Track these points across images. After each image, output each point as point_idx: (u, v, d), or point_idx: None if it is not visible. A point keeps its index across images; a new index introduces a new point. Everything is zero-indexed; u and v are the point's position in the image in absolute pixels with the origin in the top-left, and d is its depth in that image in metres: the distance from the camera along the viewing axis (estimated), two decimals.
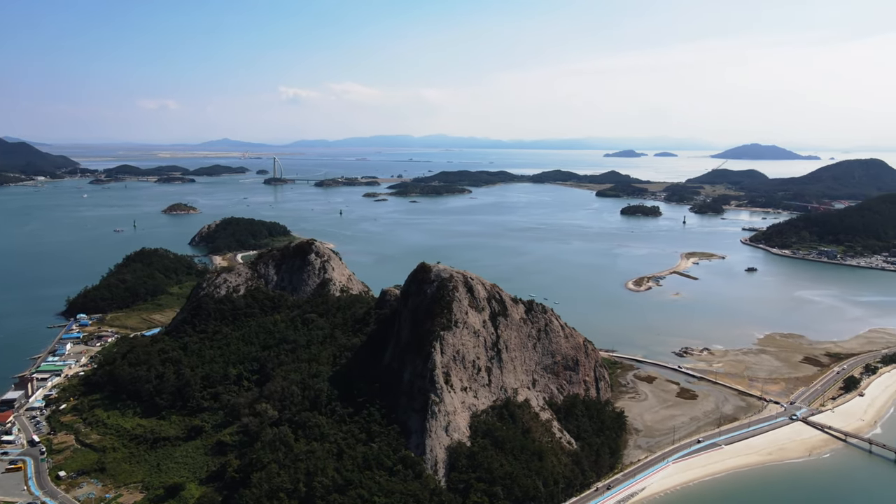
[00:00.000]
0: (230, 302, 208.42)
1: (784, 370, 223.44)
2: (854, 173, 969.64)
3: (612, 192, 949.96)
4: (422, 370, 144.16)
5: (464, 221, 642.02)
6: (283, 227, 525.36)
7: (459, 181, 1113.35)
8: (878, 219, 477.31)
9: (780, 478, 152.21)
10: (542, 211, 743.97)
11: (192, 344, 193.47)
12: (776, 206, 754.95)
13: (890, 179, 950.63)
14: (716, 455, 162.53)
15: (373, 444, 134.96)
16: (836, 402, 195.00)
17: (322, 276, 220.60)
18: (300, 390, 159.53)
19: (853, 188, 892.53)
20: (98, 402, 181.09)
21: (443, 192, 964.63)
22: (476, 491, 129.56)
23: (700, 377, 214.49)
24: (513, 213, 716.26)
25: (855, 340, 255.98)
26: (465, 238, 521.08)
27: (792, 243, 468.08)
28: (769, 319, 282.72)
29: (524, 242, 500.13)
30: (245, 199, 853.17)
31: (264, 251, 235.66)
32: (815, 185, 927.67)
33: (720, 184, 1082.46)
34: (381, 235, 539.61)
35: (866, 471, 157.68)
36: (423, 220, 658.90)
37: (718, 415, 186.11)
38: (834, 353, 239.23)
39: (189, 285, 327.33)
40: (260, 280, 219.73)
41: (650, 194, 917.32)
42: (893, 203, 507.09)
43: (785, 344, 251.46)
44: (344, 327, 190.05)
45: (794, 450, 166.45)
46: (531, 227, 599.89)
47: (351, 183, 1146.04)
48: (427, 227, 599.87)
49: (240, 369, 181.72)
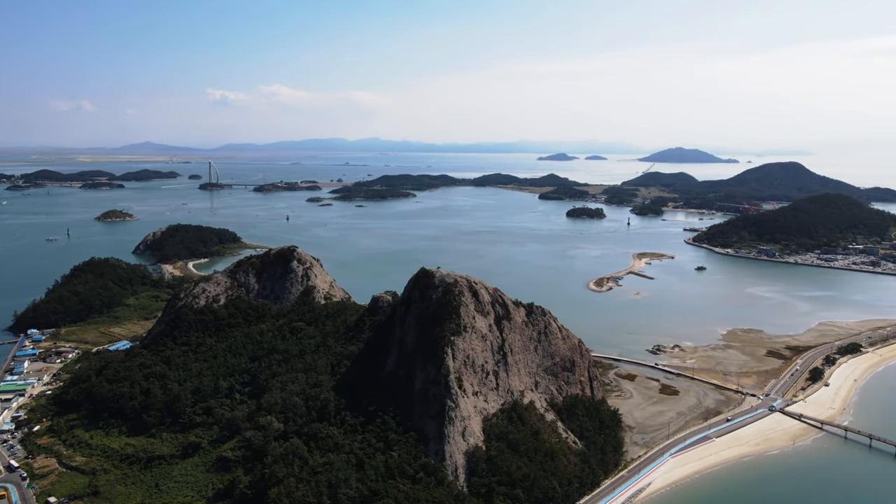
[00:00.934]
0: (211, 312, 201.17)
1: (752, 364, 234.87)
2: (776, 175, 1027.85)
3: (555, 195, 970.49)
4: (435, 376, 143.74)
5: (415, 225, 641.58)
6: (232, 234, 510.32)
7: (402, 185, 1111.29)
8: (808, 219, 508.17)
9: (772, 467, 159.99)
10: (490, 214, 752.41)
11: (176, 357, 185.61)
12: (709, 207, 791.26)
13: (808, 180, 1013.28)
14: (709, 448, 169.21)
15: (392, 453, 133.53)
16: (806, 392, 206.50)
17: (305, 283, 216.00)
18: (303, 401, 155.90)
19: (776, 189, 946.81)
20: (76, 422, 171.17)
21: (387, 196, 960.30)
22: (498, 494, 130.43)
23: (677, 373, 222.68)
24: (462, 217, 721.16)
25: (809, 334, 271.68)
26: (421, 242, 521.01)
27: (733, 242, 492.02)
28: (727, 316, 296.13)
29: (480, 245, 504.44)
30: (184, 206, 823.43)
31: (243, 259, 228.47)
32: (741, 186, 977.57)
33: (654, 186, 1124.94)
34: (335, 241, 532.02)
35: (846, 456, 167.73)
36: (374, 224, 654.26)
37: (702, 409, 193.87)
38: (793, 347, 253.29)
39: (146, 296, 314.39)
40: (240, 289, 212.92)
41: (591, 197, 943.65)
42: (821, 204, 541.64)
43: (747, 339, 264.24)
44: (337, 335, 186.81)
45: (778, 439, 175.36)
46: (483, 230, 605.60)
47: (291, 188, 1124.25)
48: (379, 231, 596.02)
49: (231, 382, 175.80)
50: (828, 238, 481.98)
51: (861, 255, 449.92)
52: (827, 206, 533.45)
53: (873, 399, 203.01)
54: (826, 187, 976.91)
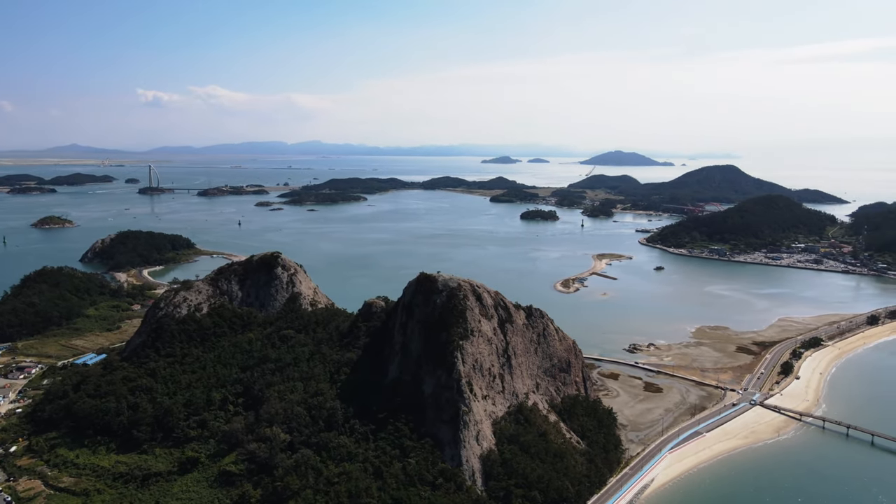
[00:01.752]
0: (195, 322, 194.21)
1: (725, 360, 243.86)
2: (714, 178, 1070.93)
3: (506, 197, 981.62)
4: (446, 381, 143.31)
5: (372, 229, 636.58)
6: (186, 240, 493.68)
7: (352, 189, 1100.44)
8: (753, 219, 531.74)
9: (763, 458, 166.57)
10: (445, 217, 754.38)
11: (162, 369, 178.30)
12: (656, 209, 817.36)
13: (743, 182, 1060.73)
14: (702, 443, 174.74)
15: (410, 460, 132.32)
16: (780, 386, 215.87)
17: (290, 289, 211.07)
18: (306, 410, 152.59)
19: (715, 191, 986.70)
20: (57, 440, 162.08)
21: (338, 200, 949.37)
22: (516, 497, 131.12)
23: (658, 371, 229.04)
24: (417, 220, 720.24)
25: (771, 329, 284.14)
26: (382, 245, 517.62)
27: (685, 243, 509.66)
28: (692, 314, 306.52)
29: (442, 248, 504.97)
30: (127, 211, 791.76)
31: (224, 266, 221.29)
32: (682, 188, 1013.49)
33: (599, 188, 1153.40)
34: (293, 246, 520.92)
35: (828, 446, 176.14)
36: (330, 228, 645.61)
37: (687, 405, 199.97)
38: (759, 342, 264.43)
39: (106, 306, 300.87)
40: (223, 297, 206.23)
41: (541, 199, 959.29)
42: (764, 205, 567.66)
43: (715, 336, 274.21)
44: (330, 342, 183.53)
45: (764, 432, 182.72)
46: (441, 233, 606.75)
47: (237, 192, 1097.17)
48: (336, 236, 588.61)
49: (223, 393, 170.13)
50: (772, 238, 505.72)
51: (804, 254, 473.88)
52: (769, 207, 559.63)
53: (841, 390, 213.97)
54: (760, 189, 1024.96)
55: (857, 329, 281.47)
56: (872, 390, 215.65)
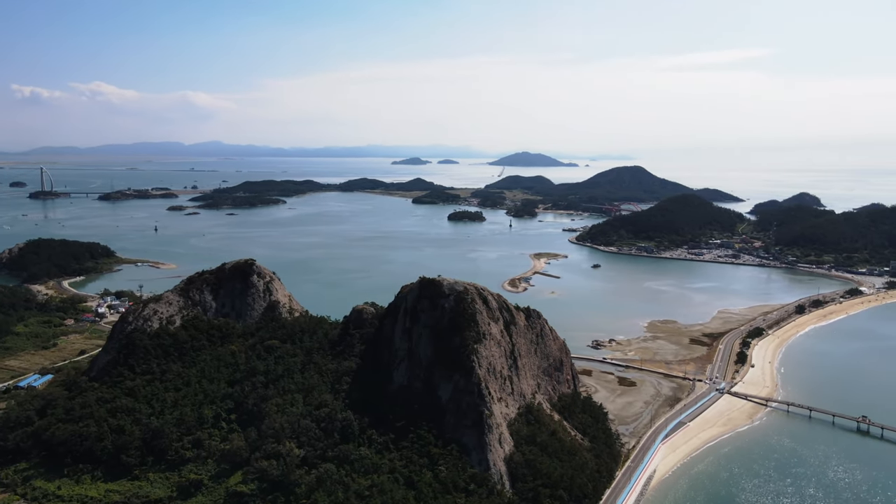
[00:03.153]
0: (169, 335, 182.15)
1: (683, 352, 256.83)
2: (624, 178, 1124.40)
3: (428, 199, 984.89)
4: (466, 385, 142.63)
5: (300, 233, 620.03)
6: (105, 249, 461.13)
7: (267, 191, 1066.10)
8: (673, 217, 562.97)
9: (745, 442, 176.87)
10: (372, 219, 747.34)
11: (141, 388, 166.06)
12: (576, 208, 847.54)
13: (650, 182, 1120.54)
14: (688, 432, 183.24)
15: (440, 468, 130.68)
16: (740, 374, 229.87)
17: (268, 298, 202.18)
18: (315, 423, 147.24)
19: (626, 190, 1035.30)
20: (30, 471, 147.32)
21: (256, 204, 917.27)
22: (544, 497, 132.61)
23: (627, 366, 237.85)
24: (344, 223, 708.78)
25: (714, 321, 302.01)
26: (317, 249, 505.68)
27: (614, 241, 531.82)
28: (640, 309, 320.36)
29: (379, 251, 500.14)
30: (25, 217, 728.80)
31: (194, 275, 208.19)
32: (596, 188, 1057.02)
33: (516, 189, 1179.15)
34: (222, 252, 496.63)
35: (796, 427, 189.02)
36: (255, 233, 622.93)
37: (663, 397, 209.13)
38: (708, 334, 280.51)
39: (35, 322, 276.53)
40: (196, 308, 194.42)
41: (463, 200, 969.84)
42: (682, 204, 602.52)
43: (668, 329, 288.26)
44: (321, 351, 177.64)
45: (739, 418, 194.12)
46: (372, 235, 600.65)
47: (143, 196, 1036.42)
48: (265, 240, 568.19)
49: (214, 410, 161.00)
50: (692, 234, 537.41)
51: (721, 249, 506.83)
52: (686, 206, 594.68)
53: (791, 375, 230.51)
54: (666, 188, 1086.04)
55: (788, 318, 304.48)
56: (818, 374, 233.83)
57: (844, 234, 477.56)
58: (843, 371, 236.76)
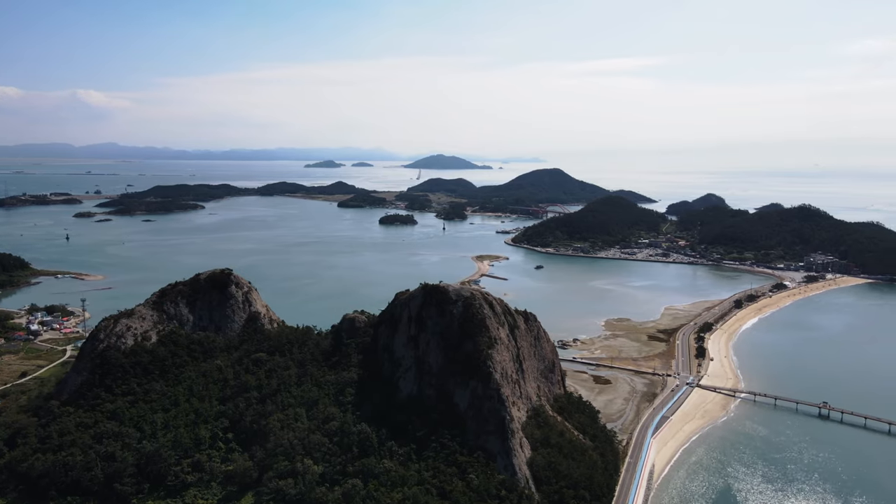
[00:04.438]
0: (147, 353, 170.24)
1: (645, 349, 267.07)
2: (544, 180, 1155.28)
3: (354, 202, 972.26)
4: (484, 391, 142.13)
5: (229, 239, 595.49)
6: (18, 260, 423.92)
7: (182, 196, 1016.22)
8: (604, 218, 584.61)
9: (727, 433, 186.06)
10: (302, 224, 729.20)
11: (125, 410, 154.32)
12: (503, 210, 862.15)
13: (570, 184, 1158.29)
14: (673, 426, 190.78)
15: (471, 476, 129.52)
16: (703, 368, 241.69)
17: (248, 309, 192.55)
18: (327, 438, 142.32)
19: (548, 193, 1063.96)
20: None
21: (172, 209, 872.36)
22: (569, 498, 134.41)
23: (597, 364, 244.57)
24: (273, 228, 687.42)
25: (665, 318, 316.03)
26: (254, 256, 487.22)
27: (550, 242, 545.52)
28: (592, 308, 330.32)
29: (319, 256, 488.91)
30: None
31: (167, 287, 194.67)
32: (519, 191, 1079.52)
33: (439, 192, 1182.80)
34: (151, 261, 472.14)
35: (765, 416, 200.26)
36: (180, 240, 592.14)
37: (640, 393, 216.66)
38: (662, 330, 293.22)
39: None
40: (172, 322, 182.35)
41: (390, 203, 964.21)
42: (610, 205, 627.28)
43: (624, 327, 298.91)
44: (315, 363, 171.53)
45: (714, 410, 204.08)
46: (306, 240, 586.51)
47: (42, 201, 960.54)
48: (192, 248, 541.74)
49: (210, 429, 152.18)
50: (622, 235, 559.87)
51: (650, 249, 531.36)
52: (614, 207, 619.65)
53: (747, 366, 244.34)
54: (584, 190, 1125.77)
55: (730, 313, 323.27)
56: (770, 364, 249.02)
57: (760, 232, 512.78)
58: (793, 360, 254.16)
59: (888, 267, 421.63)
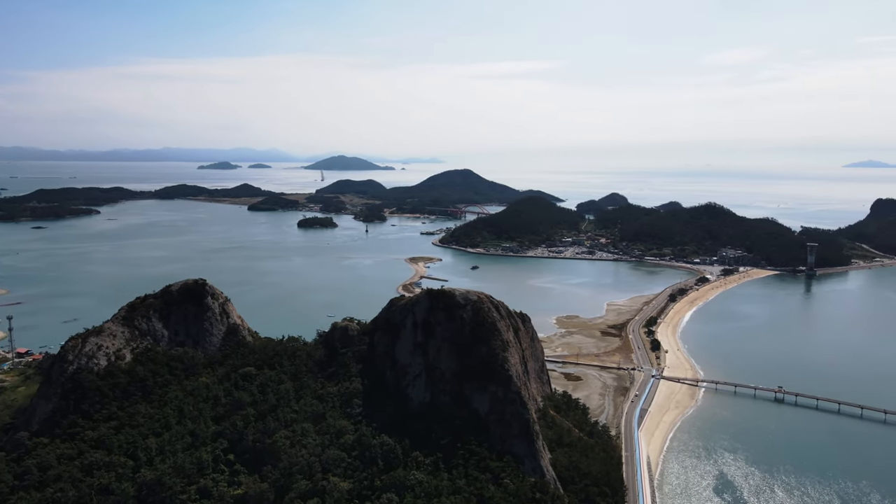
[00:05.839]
0: (124, 373, 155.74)
1: (602, 344, 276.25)
2: (456, 181, 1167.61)
3: (266, 205, 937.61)
4: (505, 395, 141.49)
5: (139, 246, 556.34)
6: None
7: (71, 201, 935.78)
8: (528, 218, 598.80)
9: (701, 421, 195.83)
10: (216, 228, 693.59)
11: (110, 437, 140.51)
12: (421, 211, 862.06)
13: (481, 185, 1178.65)
14: (653, 418, 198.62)
15: (506, 480, 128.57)
16: (661, 360, 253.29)
17: (226, 321, 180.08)
18: (344, 452, 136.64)
19: (460, 193, 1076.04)
20: None
21: (64, 215, 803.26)
22: (595, 496, 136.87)
23: (564, 362, 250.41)
24: (186, 233, 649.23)
25: (610, 314, 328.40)
26: (175, 264, 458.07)
27: (478, 242, 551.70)
28: (539, 306, 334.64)
29: (246, 262, 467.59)
30: None
31: (136, 301, 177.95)
32: (432, 192, 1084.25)
33: (350, 193, 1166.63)
34: (54, 272, 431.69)
35: (728, 402, 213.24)
36: (83, 248, 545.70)
37: (612, 388, 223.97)
38: (612, 325, 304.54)
39: None
40: (146, 339, 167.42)
41: (303, 206, 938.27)
42: (532, 205, 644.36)
43: (576, 324, 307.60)
44: (310, 375, 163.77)
45: (684, 400, 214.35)
46: (228, 246, 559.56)
47: None
48: (100, 257, 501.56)
49: (210, 452, 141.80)
50: (546, 234, 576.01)
51: (574, 247, 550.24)
52: (536, 207, 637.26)
53: (699, 356, 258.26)
54: (494, 190, 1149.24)
55: (667, 306, 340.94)
56: (717, 352, 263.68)
57: (674, 229, 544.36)
58: (737, 348, 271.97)
59: (790, 259, 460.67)
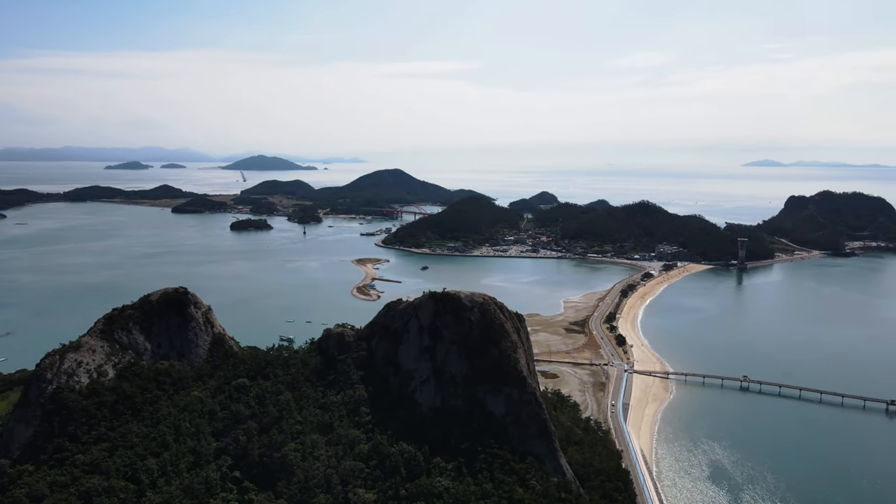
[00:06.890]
0: (110, 390, 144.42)
1: (569, 341, 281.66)
2: (387, 181, 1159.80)
3: (192, 207, 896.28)
4: (520, 396, 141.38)
5: (62, 252, 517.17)
6: None
7: None
8: (470, 217, 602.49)
9: (681, 412, 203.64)
10: (144, 233, 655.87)
11: (104, 460, 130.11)
12: (356, 212, 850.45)
13: (412, 184, 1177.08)
14: (636, 411, 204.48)
15: (532, 482, 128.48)
16: (628, 355, 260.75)
17: (211, 331, 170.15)
18: (361, 462, 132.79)
19: (392, 193, 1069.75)
20: None
21: None
22: (612, 491, 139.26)
23: (537, 360, 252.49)
24: (111, 238, 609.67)
25: (569, 311, 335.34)
26: (108, 270, 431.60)
27: (423, 242, 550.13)
28: None
29: (184, 267, 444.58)
30: None
31: (113, 313, 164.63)
32: (363, 192, 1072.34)
33: (277, 194, 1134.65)
34: None
35: (699, 393, 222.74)
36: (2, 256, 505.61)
37: (590, 384, 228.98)
38: (573, 322, 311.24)
39: None
40: (128, 353, 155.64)
41: (232, 208, 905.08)
42: (472, 205, 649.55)
43: (539, 322, 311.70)
44: (310, 384, 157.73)
45: (660, 393, 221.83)
46: (161, 251, 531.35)
47: None
48: (21, 265, 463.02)
49: (217, 469, 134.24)
50: (489, 233, 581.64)
51: (518, 245, 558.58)
52: (477, 206, 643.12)
53: (662, 349, 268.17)
54: (427, 190, 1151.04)
55: (621, 302, 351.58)
56: (678, 345, 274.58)
57: (612, 226, 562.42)
58: (696, 339, 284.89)
59: (722, 254, 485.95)
